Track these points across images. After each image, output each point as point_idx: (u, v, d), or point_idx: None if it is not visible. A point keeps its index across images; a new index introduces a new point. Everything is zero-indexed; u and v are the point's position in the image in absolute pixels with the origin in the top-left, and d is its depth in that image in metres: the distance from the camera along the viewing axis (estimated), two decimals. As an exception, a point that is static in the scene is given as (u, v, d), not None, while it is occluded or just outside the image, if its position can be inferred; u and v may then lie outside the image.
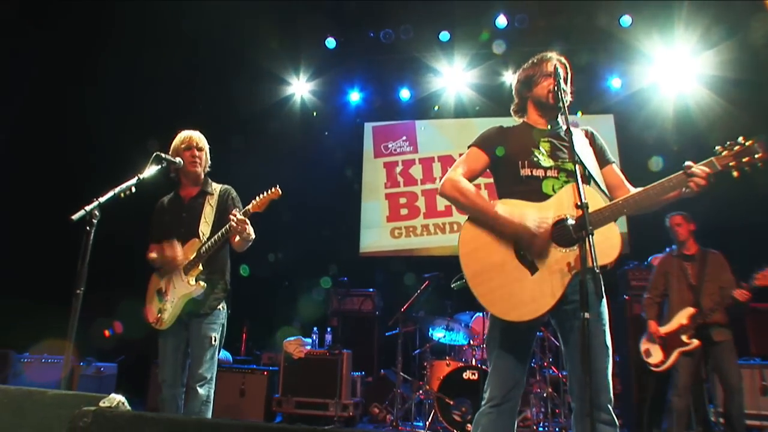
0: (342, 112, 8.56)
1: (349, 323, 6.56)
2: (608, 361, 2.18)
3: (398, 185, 8.27)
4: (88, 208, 2.77)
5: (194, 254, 3.15)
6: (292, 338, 5.67)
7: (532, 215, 2.21)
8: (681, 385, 4.28)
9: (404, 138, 8.43)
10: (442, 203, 7.94)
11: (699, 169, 2.14)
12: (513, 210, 2.24)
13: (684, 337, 4.29)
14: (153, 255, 3.27)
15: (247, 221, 3.05)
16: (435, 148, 8.19)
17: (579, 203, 2.06)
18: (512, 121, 2.67)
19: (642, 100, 7.81)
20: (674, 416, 4.27)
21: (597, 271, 1.93)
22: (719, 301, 4.24)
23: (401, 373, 5.23)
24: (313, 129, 8.42)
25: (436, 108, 8.33)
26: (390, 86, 8.37)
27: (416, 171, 8.24)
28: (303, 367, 5.52)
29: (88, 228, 2.77)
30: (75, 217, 2.74)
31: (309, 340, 5.72)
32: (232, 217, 3.03)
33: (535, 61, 2.61)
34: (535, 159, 2.39)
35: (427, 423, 4.97)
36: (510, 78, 7.82)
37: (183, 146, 3.34)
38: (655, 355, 4.44)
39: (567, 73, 2.58)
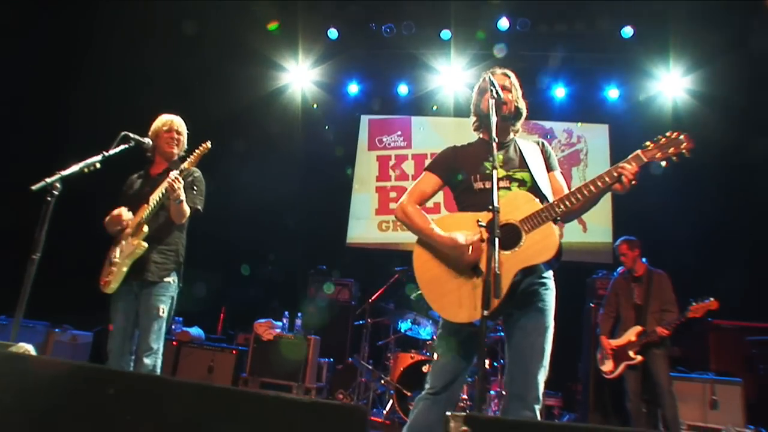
0: (340, 102, 8.67)
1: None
2: (540, 365, 2.28)
3: (389, 179, 8.38)
4: (49, 180, 2.94)
5: (141, 217, 3.30)
6: (263, 320, 5.83)
7: (460, 233, 2.35)
8: (631, 392, 4.71)
9: (399, 133, 8.52)
10: (431, 200, 8.01)
11: (624, 165, 2.25)
12: (445, 229, 2.41)
13: (631, 353, 4.66)
14: (105, 220, 3.41)
15: (180, 180, 3.19)
16: (429, 145, 8.25)
17: (491, 207, 2.14)
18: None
19: (638, 112, 7.82)
20: (631, 419, 4.67)
21: (498, 272, 2.02)
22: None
23: (363, 362, 5.37)
24: (310, 118, 8.53)
25: (435, 107, 8.40)
26: (389, 81, 8.46)
27: (408, 166, 8.34)
28: (271, 349, 5.68)
29: (48, 198, 2.95)
30: (35, 187, 2.91)
31: (280, 323, 5.88)
32: (169, 174, 3.22)
33: (481, 78, 2.71)
34: (487, 172, 2.49)
35: (385, 412, 5.11)
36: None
37: (164, 128, 3.54)
38: (607, 365, 4.83)
39: (510, 83, 2.66)
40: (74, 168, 3.07)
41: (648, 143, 2.28)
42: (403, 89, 8.41)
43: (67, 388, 1.19)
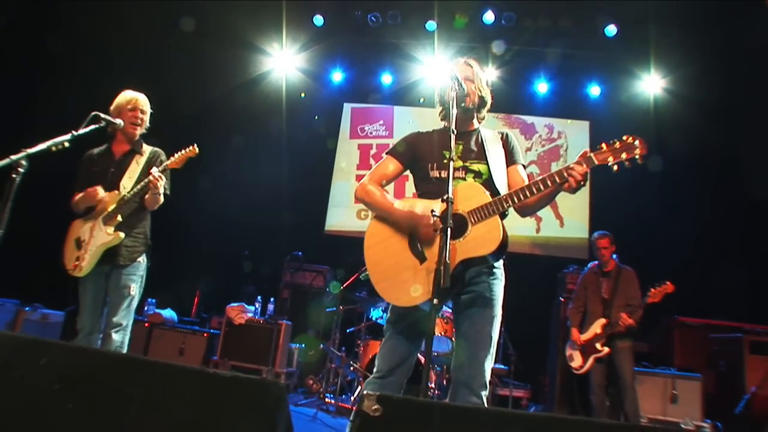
0: (323, 90, 8.65)
1: (299, 296, 6.74)
2: (488, 352, 2.33)
3: (370, 168, 8.31)
4: (14, 157, 2.93)
5: (114, 205, 3.31)
6: (235, 304, 5.86)
7: (419, 205, 2.40)
8: (596, 385, 4.80)
9: (381, 122, 8.55)
10: (410, 190, 8.08)
11: (574, 166, 2.24)
12: (405, 204, 2.46)
13: (597, 345, 4.75)
14: (78, 197, 3.40)
15: (162, 178, 3.22)
16: (411, 136, 8.23)
17: (444, 198, 2.19)
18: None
19: (620, 110, 7.90)
20: (595, 412, 4.77)
21: (447, 262, 2.07)
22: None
23: (332, 349, 5.43)
24: (293, 104, 8.49)
25: (422, 100, 8.42)
26: (373, 70, 8.46)
27: (389, 156, 8.33)
28: (242, 333, 5.72)
29: (13, 176, 2.94)
30: (-1, 164, 2.91)
31: (252, 308, 5.91)
32: (151, 171, 3.23)
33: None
34: (444, 161, 2.51)
35: (352, 398, 5.18)
36: (489, 74, 7.92)
37: (128, 107, 3.49)
38: (576, 360, 4.92)
39: (473, 73, 2.69)
40: (41, 146, 3.05)
41: (602, 145, 2.26)
42: (386, 79, 8.42)
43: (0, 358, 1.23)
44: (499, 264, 2.47)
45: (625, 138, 2.24)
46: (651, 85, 7.63)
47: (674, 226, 6.91)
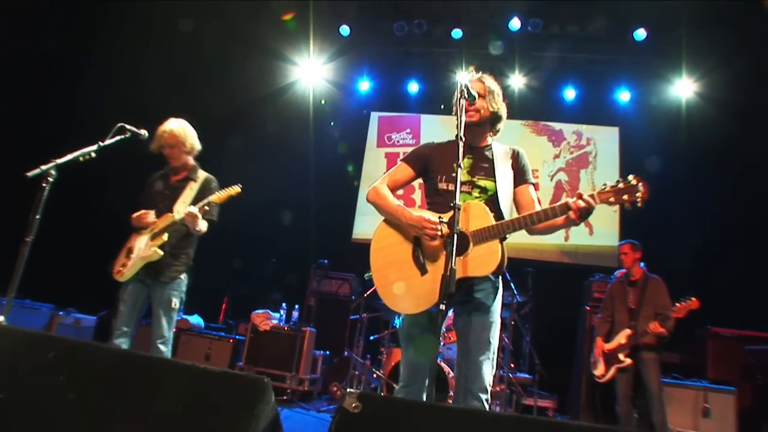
0: (350, 99, 8.74)
1: (324, 304, 6.80)
2: (487, 356, 2.37)
3: (397, 177, 8.40)
4: (44, 167, 3.09)
5: (164, 225, 3.50)
6: (260, 311, 5.95)
7: (428, 213, 2.44)
8: (621, 395, 4.71)
9: (408, 130, 8.58)
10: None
11: (572, 203, 2.27)
12: (415, 210, 2.50)
13: (621, 356, 4.67)
14: (133, 216, 3.61)
15: (198, 216, 3.38)
16: (437, 144, 8.25)
17: (452, 204, 2.21)
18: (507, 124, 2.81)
19: (650, 115, 7.74)
20: (620, 422, 4.68)
21: (454, 268, 2.09)
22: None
23: (355, 356, 5.45)
24: (320, 114, 8.62)
25: (443, 107, 8.43)
26: (399, 78, 8.52)
27: (415, 164, 8.35)
28: (267, 340, 5.81)
29: (43, 185, 3.09)
30: (30, 174, 3.05)
31: (277, 315, 5.99)
32: (191, 209, 3.40)
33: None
34: (454, 174, 2.53)
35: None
36: (516, 81, 7.88)
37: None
38: (599, 368, 4.84)
39: (485, 89, 2.69)
40: (69, 156, 3.20)
41: (606, 185, 2.27)
42: (413, 87, 8.46)
43: (12, 352, 1.31)
44: (497, 275, 2.50)
45: (630, 178, 2.25)
46: (682, 89, 7.46)
47: (707, 233, 6.72)
